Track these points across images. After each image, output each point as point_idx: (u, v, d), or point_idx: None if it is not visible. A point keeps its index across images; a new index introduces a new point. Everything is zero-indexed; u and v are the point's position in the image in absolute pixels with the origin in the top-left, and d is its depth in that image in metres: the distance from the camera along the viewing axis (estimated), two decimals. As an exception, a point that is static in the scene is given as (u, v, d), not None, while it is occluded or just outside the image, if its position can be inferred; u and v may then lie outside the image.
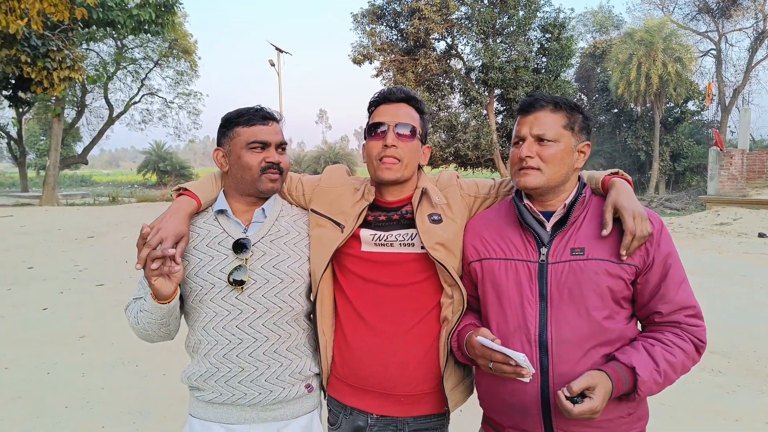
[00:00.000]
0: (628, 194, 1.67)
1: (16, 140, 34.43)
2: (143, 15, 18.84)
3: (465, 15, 25.26)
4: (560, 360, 1.59)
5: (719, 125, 34.18)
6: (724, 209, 17.47)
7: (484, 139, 24.49)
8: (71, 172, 55.69)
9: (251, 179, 1.87)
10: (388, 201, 1.93)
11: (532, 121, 1.68)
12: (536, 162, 1.65)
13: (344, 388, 1.94)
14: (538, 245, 1.68)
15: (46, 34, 15.40)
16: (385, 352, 1.84)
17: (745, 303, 7.08)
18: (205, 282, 1.82)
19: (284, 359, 1.88)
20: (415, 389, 1.86)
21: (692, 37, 35.15)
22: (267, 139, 1.86)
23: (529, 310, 1.64)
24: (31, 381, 4.63)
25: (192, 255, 1.85)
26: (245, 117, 1.87)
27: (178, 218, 1.78)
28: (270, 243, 1.89)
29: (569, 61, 26.53)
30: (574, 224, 1.67)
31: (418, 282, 1.86)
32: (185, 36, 32.22)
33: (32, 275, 8.60)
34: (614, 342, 1.62)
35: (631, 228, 1.57)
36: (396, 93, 1.92)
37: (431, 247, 1.79)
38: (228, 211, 1.90)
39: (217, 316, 1.83)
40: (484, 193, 1.97)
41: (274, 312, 1.85)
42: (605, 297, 1.61)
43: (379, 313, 1.86)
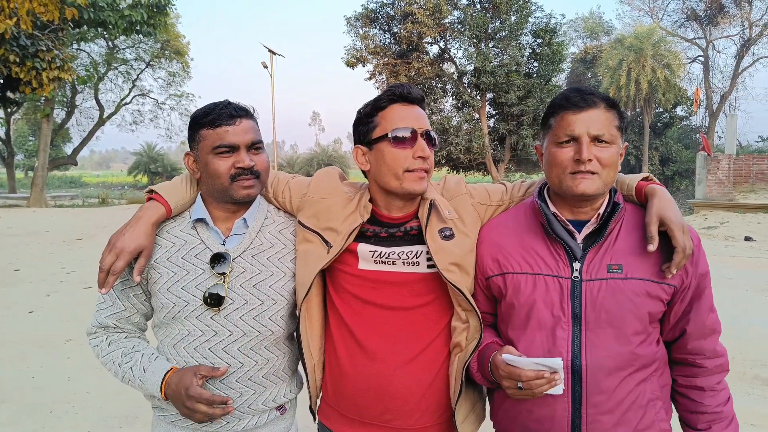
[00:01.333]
0: (673, 205, 1.51)
1: (4, 141, 34.15)
2: (135, 16, 18.77)
3: (458, 19, 25.39)
4: (595, 389, 1.46)
5: (707, 130, 34.52)
6: (712, 213, 17.60)
7: (476, 142, 24.60)
8: (61, 173, 55.28)
9: (222, 188, 1.64)
10: (390, 216, 1.69)
11: (588, 119, 1.46)
12: (594, 165, 1.46)
13: (338, 419, 1.75)
14: (570, 259, 1.51)
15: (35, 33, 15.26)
16: (385, 383, 1.63)
17: (732, 306, 7.11)
18: (179, 299, 1.63)
19: (259, 387, 1.69)
20: (419, 422, 1.66)
21: (680, 43, 35.56)
22: (234, 141, 1.60)
23: (561, 333, 1.49)
24: (16, 384, 4.57)
25: (165, 267, 1.65)
26: (210, 117, 1.61)
27: (138, 229, 1.60)
28: (251, 258, 1.68)
29: (560, 66, 26.74)
30: (609, 237, 1.51)
31: (423, 305, 1.66)
32: (177, 37, 32.13)
33: (19, 277, 8.51)
34: (648, 366, 1.51)
35: (681, 243, 1.43)
36: (415, 92, 1.65)
37: (445, 269, 1.58)
38: (207, 219, 1.69)
39: (189, 335, 1.64)
40: (496, 201, 1.76)
41: (252, 336, 1.66)
42: (644, 321, 1.48)
43: (378, 339, 1.65)
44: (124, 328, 1.73)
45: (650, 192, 1.55)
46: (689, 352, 1.56)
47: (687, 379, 1.59)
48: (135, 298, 1.71)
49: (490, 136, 25.85)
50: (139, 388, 1.66)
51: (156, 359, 1.66)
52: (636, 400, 1.48)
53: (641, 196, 1.58)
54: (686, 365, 1.58)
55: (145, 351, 1.69)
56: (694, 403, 1.58)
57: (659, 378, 1.55)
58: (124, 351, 1.68)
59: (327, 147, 63.56)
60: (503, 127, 25.66)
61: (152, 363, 1.64)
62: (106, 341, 1.71)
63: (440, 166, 26.06)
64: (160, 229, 1.70)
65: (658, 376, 1.54)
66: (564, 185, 1.49)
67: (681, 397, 1.61)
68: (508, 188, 1.81)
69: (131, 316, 1.72)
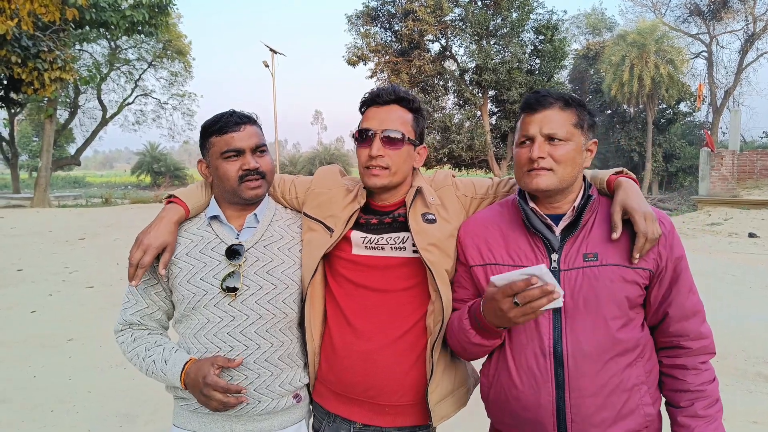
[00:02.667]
0: (637, 194, 1.59)
1: (7, 141, 34.21)
2: (137, 16, 18.79)
3: (459, 17, 25.35)
4: (577, 373, 1.51)
5: (710, 126, 34.42)
6: (715, 209, 17.58)
7: (478, 140, 24.57)
8: (64, 173, 55.40)
9: (231, 189, 1.81)
10: (380, 205, 1.86)
11: (542, 120, 1.57)
12: (548, 162, 1.55)
13: (329, 395, 1.88)
14: (548, 251, 1.59)
15: (37, 34, 15.32)
16: (371, 360, 1.77)
17: (735, 303, 7.09)
18: (198, 289, 1.78)
19: (275, 368, 1.82)
20: (400, 400, 1.78)
21: (684, 39, 35.37)
22: (240, 145, 1.78)
23: (543, 320, 1.55)
24: (17, 384, 4.59)
25: (185, 261, 1.81)
26: (217, 125, 1.80)
27: (161, 228, 1.77)
28: (263, 248, 1.85)
29: (562, 63, 26.69)
30: (584, 228, 1.59)
31: (407, 288, 1.79)
32: (179, 37, 32.15)
33: (21, 277, 8.54)
34: (631, 351, 1.55)
35: (642, 229, 1.50)
36: (385, 94, 1.81)
37: (423, 248, 1.72)
38: (221, 216, 1.86)
39: (209, 323, 1.78)
40: (481, 194, 1.89)
41: (267, 319, 1.80)
42: (622, 305, 1.54)
43: (366, 320, 1.79)
44: (148, 325, 1.87)
45: (617, 184, 1.65)
46: (673, 334, 1.60)
47: (671, 359, 1.63)
48: (156, 296, 1.86)
49: (492, 133, 25.82)
50: (161, 379, 1.79)
51: (176, 352, 1.79)
52: (619, 384, 1.52)
53: (611, 188, 1.67)
54: (671, 348, 1.62)
55: (166, 345, 1.83)
56: (677, 381, 1.61)
57: (645, 363, 1.59)
58: (147, 346, 1.82)
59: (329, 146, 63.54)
60: (505, 124, 25.62)
61: (173, 355, 1.78)
62: (131, 338, 1.85)
63: (442, 164, 26.05)
64: (179, 228, 1.87)
65: (644, 362, 1.58)
66: (522, 182, 1.62)
67: (665, 377, 1.64)
68: (494, 183, 1.92)
69: (154, 312, 1.87)
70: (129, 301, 1.86)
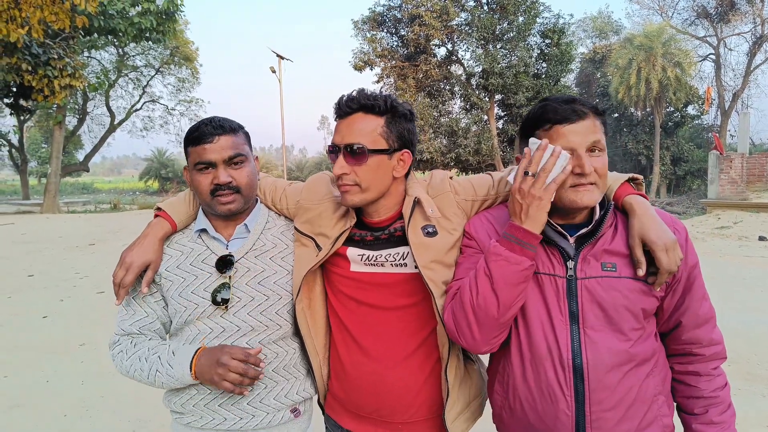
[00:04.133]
0: (653, 221, 1.48)
1: (17, 148, 34.59)
2: (144, 23, 18.95)
3: (465, 21, 25.38)
4: (598, 386, 1.46)
5: (719, 129, 34.18)
6: (725, 213, 17.40)
7: (485, 144, 24.55)
8: (73, 179, 55.86)
9: (205, 202, 1.75)
10: (373, 221, 1.73)
11: (582, 131, 1.44)
12: (594, 177, 1.45)
13: (342, 411, 1.83)
14: (564, 258, 1.52)
15: (47, 42, 15.49)
16: (381, 380, 1.70)
17: (746, 307, 7.03)
18: (189, 302, 1.73)
19: (269, 381, 1.76)
20: (414, 416, 1.73)
21: (691, 41, 35.21)
22: (211, 158, 1.68)
23: (560, 332, 1.49)
24: (30, 389, 4.61)
25: (175, 275, 1.75)
26: (194, 134, 1.71)
27: (145, 245, 1.73)
28: (254, 258, 1.78)
29: (569, 67, 26.67)
30: (602, 237, 1.52)
31: (413, 304, 1.69)
32: (186, 43, 32.38)
33: (32, 283, 8.59)
34: (648, 361, 1.52)
35: (666, 266, 1.43)
36: (344, 105, 1.63)
37: (424, 266, 1.61)
38: (209, 229, 1.79)
39: (200, 334, 1.73)
40: (482, 195, 1.75)
41: (260, 331, 1.74)
42: (639, 317, 1.50)
43: (374, 339, 1.72)
44: (146, 335, 1.80)
45: (628, 208, 1.54)
46: (686, 342, 1.58)
47: (683, 366, 1.61)
48: (156, 304, 1.80)
49: (499, 137, 25.79)
50: (165, 374, 1.70)
51: (183, 345, 1.73)
52: (638, 395, 1.49)
53: (619, 204, 1.58)
54: (683, 354, 1.61)
55: (171, 343, 1.77)
56: (690, 388, 1.60)
57: (659, 371, 1.56)
58: (150, 346, 1.76)
59: (336, 150, 63.61)
60: (512, 128, 25.61)
61: (180, 347, 1.72)
62: (131, 344, 1.78)
63: (449, 168, 26.02)
64: (169, 240, 1.82)
65: (659, 371, 1.56)
66: (566, 199, 1.47)
67: (678, 383, 1.62)
68: (494, 181, 1.77)
69: (153, 322, 1.80)
70: (126, 312, 1.79)
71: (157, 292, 1.79)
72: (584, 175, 1.43)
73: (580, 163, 1.43)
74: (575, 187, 1.46)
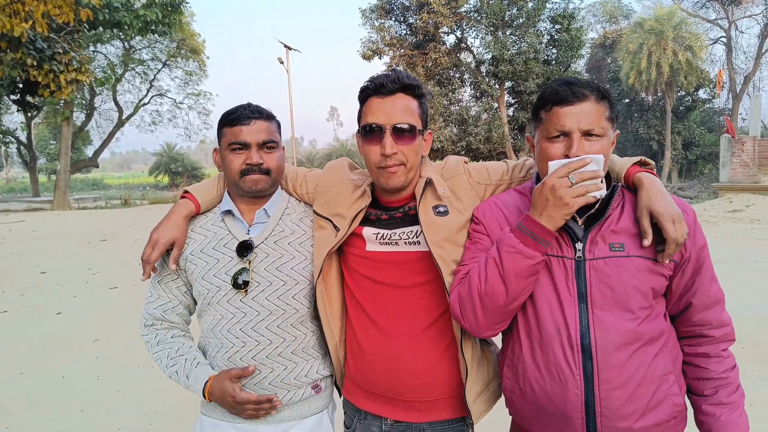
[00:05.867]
0: (661, 194, 1.51)
1: (25, 145, 34.71)
2: (150, 15, 18.77)
3: (474, 8, 25.09)
4: (606, 365, 1.47)
5: (730, 113, 33.88)
6: (737, 196, 17.32)
7: (495, 132, 24.37)
8: (82, 175, 56.12)
9: (233, 181, 1.84)
10: (389, 200, 1.80)
11: (579, 114, 1.47)
12: None
13: (358, 392, 1.85)
14: (572, 240, 1.54)
15: (51, 36, 15.38)
16: (396, 356, 1.73)
17: (758, 289, 7.02)
18: (212, 285, 1.82)
19: (289, 362, 1.83)
20: (430, 395, 1.74)
21: (702, 25, 34.83)
22: (246, 139, 1.79)
23: (569, 312, 1.51)
24: (46, 385, 4.61)
25: (199, 258, 1.84)
26: (231, 117, 1.82)
27: (170, 223, 1.82)
28: (273, 244, 1.85)
29: (579, 52, 26.30)
30: (609, 217, 1.54)
31: (427, 281, 1.72)
32: (193, 35, 32.26)
33: (45, 280, 8.60)
34: (657, 339, 1.53)
35: (673, 236, 1.45)
36: (389, 84, 1.67)
37: (435, 243, 1.65)
38: (234, 211, 1.88)
39: (222, 319, 1.82)
40: (496, 180, 1.81)
41: (278, 315, 1.81)
42: (648, 296, 1.50)
43: (388, 316, 1.75)
44: (171, 320, 1.91)
45: (638, 183, 1.56)
46: (696, 323, 1.59)
47: (693, 348, 1.62)
48: (177, 290, 1.90)
49: (509, 125, 25.58)
50: (183, 383, 1.84)
51: (197, 366, 1.83)
52: (647, 374, 1.49)
53: (630, 183, 1.60)
54: (693, 336, 1.62)
55: (188, 356, 1.86)
56: (700, 369, 1.61)
57: (669, 351, 1.56)
58: (170, 353, 1.87)
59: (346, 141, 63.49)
60: (523, 115, 25.37)
61: (193, 371, 1.82)
62: (155, 339, 1.90)
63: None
64: (194, 224, 1.91)
65: (669, 351, 1.56)
66: None
67: (687, 366, 1.63)
68: (509, 167, 1.83)
69: (175, 307, 1.91)
70: (152, 295, 1.91)
71: (178, 278, 1.89)
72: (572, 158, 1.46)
73: (570, 145, 1.47)
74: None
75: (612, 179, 1.61)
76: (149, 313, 1.90)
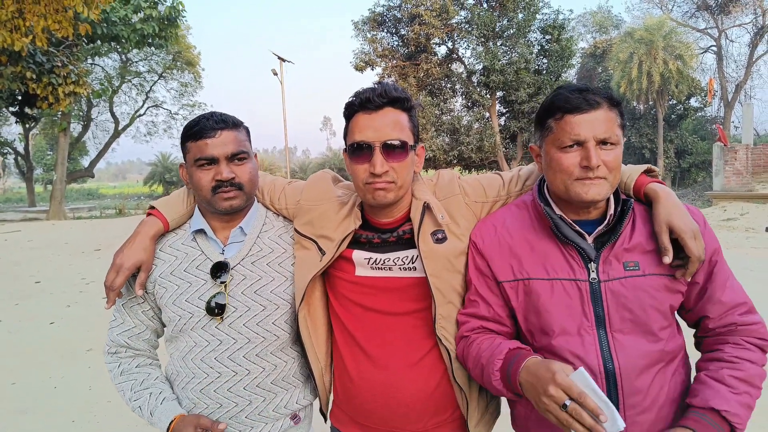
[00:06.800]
0: (679, 209, 1.41)
1: (23, 156, 34.80)
2: (147, 29, 19.03)
3: (465, 19, 25.35)
4: (631, 390, 1.40)
5: (722, 121, 34.01)
6: (731, 204, 17.29)
7: (487, 141, 24.51)
8: (78, 185, 56.05)
9: (205, 199, 1.66)
10: (381, 222, 1.66)
11: (593, 122, 1.38)
12: (603, 170, 1.39)
13: (347, 421, 1.75)
14: (584, 261, 1.45)
15: (50, 50, 15.56)
16: (391, 388, 1.62)
17: (754, 298, 6.98)
18: (183, 311, 1.65)
19: (268, 393, 1.70)
20: (428, 424, 1.65)
21: (692, 34, 35.05)
22: (213, 153, 1.60)
23: (588, 339, 1.42)
24: (38, 394, 4.65)
25: (169, 282, 1.68)
26: (194, 129, 1.63)
27: (135, 245, 1.64)
28: (251, 265, 1.70)
29: (570, 62, 26.54)
30: (622, 235, 1.45)
31: (423, 309, 1.62)
32: (189, 48, 32.44)
33: (40, 289, 8.65)
34: (676, 357, 1.48)
35: (696, 253, 1.37)
36: (376, 98, 1.53)
37: (433, 274, 1.56)
38: (207, 230, 1.71)
39: (196, 347, 1.66)
40: (493, 196, 1.68)
41: (257, 343, 1.67)
42: (667, 315, 1.43)
43: (381, 345, 1.64)
44: (136, 347, 1.76)
45: (653, 195, 1.47)
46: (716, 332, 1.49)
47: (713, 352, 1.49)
48: (144, 315, 1.74)
49: (501, 134, 25.74)
50: (148, 417, 1.70)
51: (162, 402, 1.68)
52: (668, 394, 1.44)
53: (640, 194, 1.51)
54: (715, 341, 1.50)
55: (153, 389, 1.71)
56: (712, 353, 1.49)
57: (684, 365, 1.52)
58: (134, 386, 1.72)
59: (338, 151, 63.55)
60: (514, 124, 25.55)
61: (158, 408, 1.67)
62: (118, 369, 1.75)
63: (452, 166, 26.00)
64: (162, 243, 1.74)
65: (683, 364, 1.51)
66: (572, 192, 1.42)
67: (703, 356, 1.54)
68: (504, 181, 1.71)
69: (141, 332, 1.75)
70: (116, 320, 1.74)
71: (145, 302, 1.73)
72: (591, 169, 1.37)
73: (587, 156, 1.37)
74: (582, 179, 1.40)
75: (619, 189, 1.51)
76: (112, 340, 1.74)
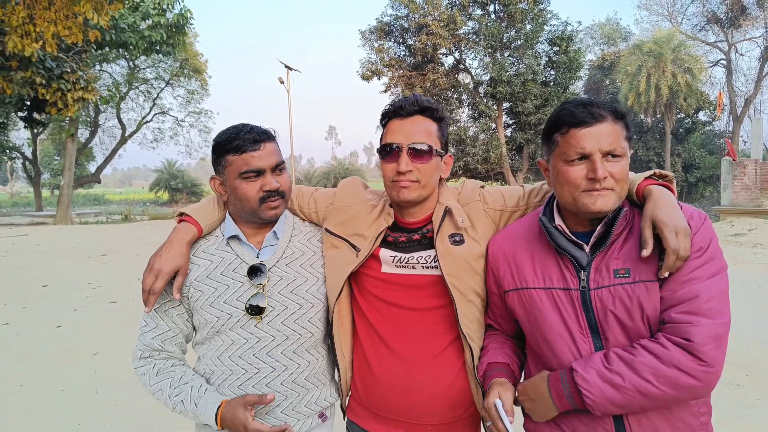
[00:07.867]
0: (668, 205, 1.43)
1: (30, 161, 35.06)
2: (155, 36, 19.20)
3: (472, 30, 25.44)
4: None
5: (731, 135, 33.97)
6: (739, 220, 17.22)
7: (493, 152, 24.53)
8: (85, 191, 56.28)
9: (251, 210, 1.74)
10: (408, 221, 1.79)
11: (598, 135, 1.41)
12: (610, 182, 1.41)
13: (366, 415, 1.83)
14: (577, 270, 1.49)
15: (60, 56, 15.72)
16: (411, 380, 1.72)
17: (762, 314, 6.94)
18: (222, 312, 1.73)
19: (302, 389, 1.79)
20: (445, 417, 1.74)
21: (701, 47, 35.16)
22: (260, 165, 1.69)
23: (584, 346, 1.46)
24: (45, 398, 4.65)
25: (206, 285, 1.75)
26: (235, 143, 1.69)
27: (173, 250, 1.71)
28: (285, 267, 1.80)
29: (578, 74, 26.59)
30: (615, 242, 1.47)
31: (443, 305, 1.73)
32: (196, 55, 32.73)
33: (46, 293, 8.66)
34: None
35: (673, 246, 1.35)
36: (408, 106, 1.72)
37: (449, 273, 1.67)
38: (240, 235, 1.79)
39: (233, 344, 1.74)
40: (512, 206, 1.79)
41: (294, 339, 1.77)
42: (656, 322, 1.41)
43: (403, 339, 1.75)
44: (169, 350, 1.80)
45: (646, 193, 1.51)
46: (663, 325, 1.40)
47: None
48: (178, 318, 1.79)
49: (507, 145, 25.76)
50: (192, 418, 1.75)
51: (205, 392, 1.73)
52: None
53: (640, 197, 1.53)
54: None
55: (193, 383, 1.75)
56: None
57: None
58: (172, 383, 1.75)
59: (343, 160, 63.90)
60: (521, 136, 25.56)
61: (202, 397, 1.71)
62: (154, 370, 1.78)
63: (457, 177, 26.01)
64: (195, 249, 1.80)
65: None
66: (579, 203, 1.45)
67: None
68: (525, 192, 1.82)
69: (175, 336, 1.80)
70: (148, 324, 1.78)
71: (180, 305, 1.78)
72: (597, 181, 1.41)
73: (593, 168, 1.41)
74: (589, 191, 1.43)
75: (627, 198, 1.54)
76: (145, 344, 1.77)
